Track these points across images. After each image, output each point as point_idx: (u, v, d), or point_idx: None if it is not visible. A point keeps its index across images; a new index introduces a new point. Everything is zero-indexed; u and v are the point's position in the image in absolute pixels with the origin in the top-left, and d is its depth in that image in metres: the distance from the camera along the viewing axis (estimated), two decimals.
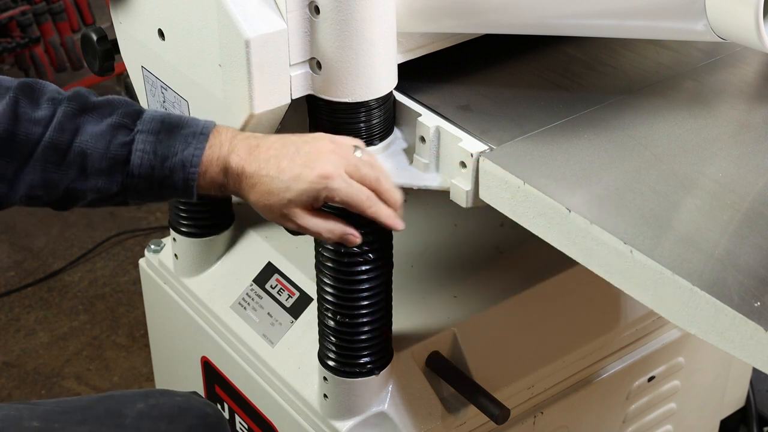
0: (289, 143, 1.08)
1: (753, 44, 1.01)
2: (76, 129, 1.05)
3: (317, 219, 1.09)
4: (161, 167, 1.06)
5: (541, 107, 1.20)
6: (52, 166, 1.05)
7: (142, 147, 1.06)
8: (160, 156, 1.06)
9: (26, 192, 1.06)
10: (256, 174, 1.07)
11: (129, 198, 1.09)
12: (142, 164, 1.06)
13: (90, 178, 1.06)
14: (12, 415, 1.23)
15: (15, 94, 1.05)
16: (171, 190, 1.07)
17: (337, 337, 1.31)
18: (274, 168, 1.06)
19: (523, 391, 1.49)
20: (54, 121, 1.05)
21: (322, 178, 1.06)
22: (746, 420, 1.97)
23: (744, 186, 1.06)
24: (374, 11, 1.09)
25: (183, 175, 1.06)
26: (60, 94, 1.08)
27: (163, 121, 1.07)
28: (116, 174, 1.06)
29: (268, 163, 1.07)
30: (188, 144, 1.06)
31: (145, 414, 1.26)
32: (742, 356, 0.91)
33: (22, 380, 2.30)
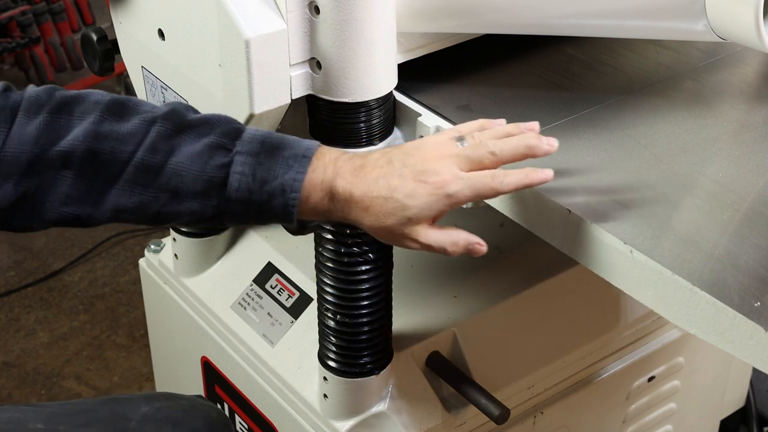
0: (393, 159, 1.01)
1: (753, 44, 1.01)
2: (170, 150, 0.99)
3: (439, 233, 1.02)
4: (260, 191, 0.99)
5: (541, 107, 1.20)
6: (141, 188, 0.99)
7: (241, 169, 0.99)
8: (260, 179, 0.99)
9: (112, 214, 1.01)
10: (367, 196, 1.00)
11: (225, 221, 1.03)
12: (239, 188, 0.99)
13: (184, 201, 1.00)
14: (17, 417, 1.23)
15: (102, 111, 1.00)
16: (269, 215, 1.01)
17: (337, 337, 1.31)
18: (384, 188, 0.99)
19: (523, 391, 1.49)
20: (146, 140, 0.99)
21: (438, 188, 0.99)
22: (746, 420, 1.97)
23: (744, 186, 1.06)
24: (374, 11, 1.09)
25: (283, 201, 0.99)
26: (154, 112, 1.01)
27: (263, 141, 1.00)
28: (212, 197, 1.00)
29: (377, 183, 1.00)
30: (290, 167, 0.99)
31: (150, 417, 1.26)
32: (742, 356, 0.91)
33: (22, 380, 2.30)
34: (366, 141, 1.17)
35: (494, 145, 1.01)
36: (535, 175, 1.01)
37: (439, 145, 1.02)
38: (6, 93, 1.01)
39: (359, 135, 1.17)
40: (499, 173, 1.00)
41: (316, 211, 1.02)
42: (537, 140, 1.01)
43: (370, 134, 1.17)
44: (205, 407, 1.33)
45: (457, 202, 1.01)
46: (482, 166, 1.01)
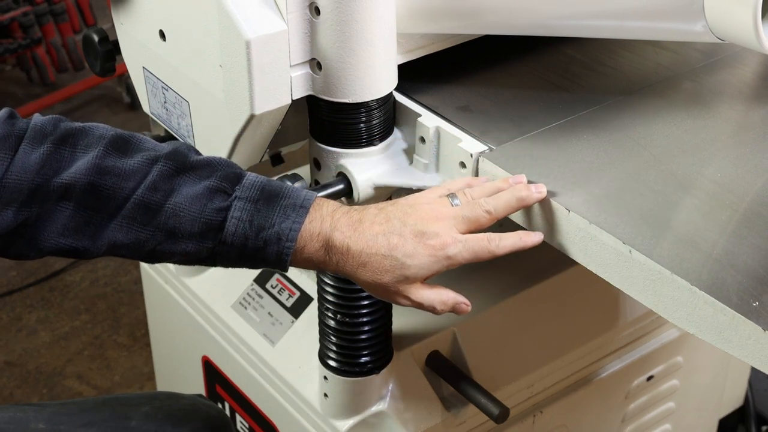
0: (392, 216, 1.03)
1: (751, 45, 1.01)
2: (171, 189, 1.00)
3: (431, 293, 1.05)
4: (256, 238, 1.00)
5: (541, 108, 1.20)
6: (138, 226, 1.00)
7: (239, 215, 1.00)
8: (257, 226, 1.00)
9: (108, 249, 1.01)
10: (365, 252, 1.01)
11: (218, 263, 1.04)
12: (236, 233, 1.00)
13: (180, 242, 1.01)
14: (18, 416, 1.23)
15: (106, 146, 1.00)
16: (262, 261, 1.02)
17: (337, 336, 1.32)
18: (384, 246, 1.01)
19: (522, 390, 1.49)
20: (148, 178, 1.00)
21: (438, 250, 1.02)
22: (745, 419, 1.97)
23: (742, 186, 1.07)
24: (374, 12, 1.09)
25: (277, 249, 1.00)
26: (157, 150, 1.02)
27: (263, 189, 1.01)
28: (208, 240, 1.01)
29: (377, 240, 1.01)
30: (287, 216, 1.00)
31: (151, 417, 1.27)
32: (741, 356, 0.91)
33: (23, 380, 2.30)
34: (366, 141, 1.18)
35: (488, 203, 1.05)
36: (528, 239, 1.05)
37: (433, 205, 1.04)
38: (11, 120, 1.01)
39: (359, 135, 1.17)
40: (495, 237, 1.03)
41: (311, 262, 1.03)
42: (527, 191, 1.05)
43: (370, 134, 1.18)
44: (205, 406, 1.33)
45: (454, 264, 1.03)
46: (479, 224, 1.04)
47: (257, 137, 1.17)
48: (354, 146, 1.18)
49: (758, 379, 1.97)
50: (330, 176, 1.20)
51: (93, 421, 1.25)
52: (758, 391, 1.97)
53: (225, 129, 1.16)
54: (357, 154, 1.18)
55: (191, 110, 1.23)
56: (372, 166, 1.18)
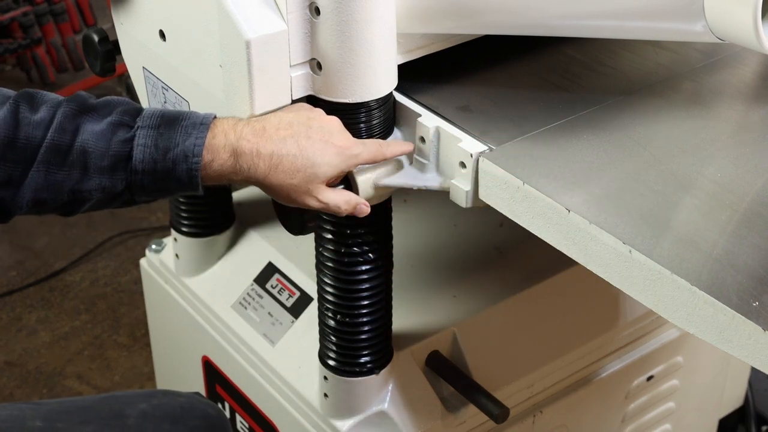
0: (295, 123, 1.09)
1: (751, 45, 1.01)
2: (76, 129, 1.05)
3: (335, 193, 1.12)
4: (163, 160, 1.05)
5: (541, 108, 1.20)
6: (55, 168, 1.05)
7: (144, 142, 1.05)
8: (162, 149, 1.05)
9: (32, 196, 1.06)
10: (276, 154, 1.07)
11: (135, 195, 1.08)
12: (144, 159, 1.05)
13: (93, 178, 1.06)
14: (15, 414, 1.23)
15: (15, 100, 1.05)
16: (175, 182, 1.07)
17: (337, 336, 1.32)
18: (294, 146, 1.08)
19: (522, 390, 1.49)
20: (54, 122, 1.05)
21: (344, 149, 1.10)
22: (745, 419, 1.97)
23: (742, 186, 1.07)
24: (374, 12, 1.09)
25: (186, 166, 1.05)
26: (59, 98, 1.08)
27: (162, 115, 1.07)
28: (119, 171, 1.06)
29: (285, 142, 1.08)
30: (189, 135, 1.06)
31: (148, 414, 1.27)
32: (741, 356, 0.91)
33: (23, 380, 2.30)
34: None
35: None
36: (407, 147, 1.18)
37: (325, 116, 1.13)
38: None
39: (359, 135, 1.17)
40: (385, 143, 1.16)
41: (221, 174, 1.07)
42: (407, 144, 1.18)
43: (370, 134, 1.18)
44: (202, 404, 1.33)
45: (358, 163, 1.13)
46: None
47: None
48: None
49: (758, 379, 1.97)
50: None
51: (90, 418, 1.25)
52: (758, 391, 1.97)
53: None
54: None
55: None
56: (372, 166, 1.18)
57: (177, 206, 1.58)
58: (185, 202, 1.56)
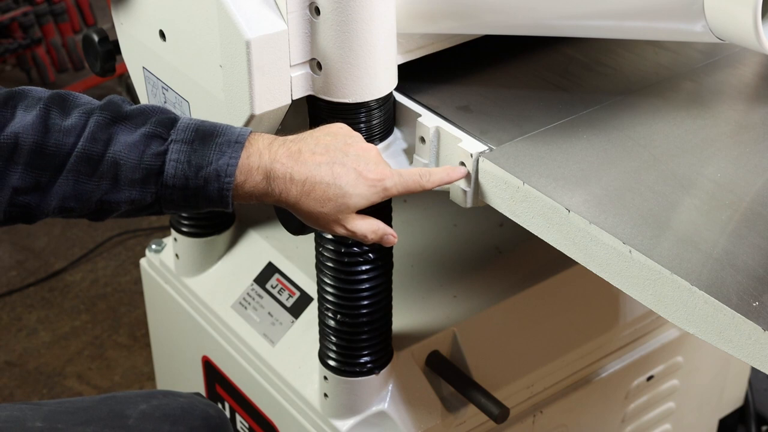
0: (332, 148, 1.07)
1: (751, 45, 1.01)
2: (108, 139, 1.03)
3: (363, 221, 1.09)
4: (195, 177, 1.03)
5: (541, 108, 1.20)
6: (84, 177, 1.03)
7: (176, 157, 1.03)
8: (195, 166, 1.03)
9: (59, 204, 1.04)
10: (309, 181, 1.05)
11: (164, 208, 1.06)
12: (176, 174, 1.03)
13: (123, 190, 1.03)
14: (16, 415, 1.23)
15: (46, 104, 1.03)
16: (205, 200, 1.05)
17: (337, 336, 1.32)
18: (328, 174, 1.05)
19: (522, 390, 1.49)
20: (86, 131, 1.03)
21: (378, 181, 1.07)
22: (745, 419, 1.97)
23: (742, 186, 1.07)
24: (374, 12, 1.09)
25: (218, 185, 1.03)
26: (92, 104, 1.05)
27: (197, 129, 1.04)
28: (150, 184, 1.03)
29: (320, 169, 1.05)
30: (223, 153, 1.03)
31: (148, 415, 1.27)
32: (741, 356, 0.91)
33: (23, 380, 2.30)
34: (366, 141, 1.18)
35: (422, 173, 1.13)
36: (455, 173, 1.12)
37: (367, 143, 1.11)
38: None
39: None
40: (426, 172, 1.11)
41: (253, 195, 1.06)
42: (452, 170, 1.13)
43: (370, 135, 1.18)
44: (202, 404, 1.33)
45: (389, 195, 1.09)
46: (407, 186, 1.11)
47: None
48: None
49: (758, 379, 1.97)
50: None
51: (90, 419, 1.25)
52: (758, 391, 1.97)
53: None
54: None
55: (191, 110, 1.23)
56: None
57: None
58: None
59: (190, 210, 1.07)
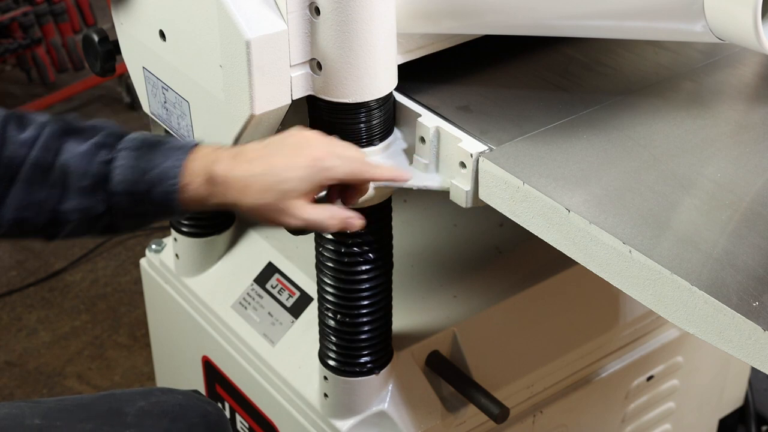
0: (270, 143, 1.08)
1: (751, 45, 1.01)
2: (59, 148, 1.05)
3: (317, 208, 1.07)
4: (141, 181, 1.04)
5: (541, 108, 1.20)
6: (37, 186, 1.05)
7: (123, 163, 1.05)
8: (140, 170, 1.05)
9: (14, 214, 1.05)
10: (245, 176, 1.05)
11: (116, 219, 1.07)
12: (123, 180, 1.05)
13: (73, 198, 1.05)
14: (14, 413, 1.23)
15: (3, 120, 1.05)
16: (153, 205, 1.06)
17: (337, 336, 1.32)
18: (261, 166, 1.05)
19: (522, 390, 1.49)
20: (39, 140, 1.05)
21: (315, 161, 1.05)
22: (745, 419, 1.97)
23: (742, 186, 1.07)
24: (374, 12, 1.09)
25: (163, 188, 1.04)
26: (47, 118, 1.08)
27: (145, 139, 1.07)
28: (99, 192, 1.05)
29: (254, 163, 1.06)
30: (168, 157, 1.05)
31: (147, 412, 1.27)
32: (741, 356, 0.91)
33: (23, 379, 2.30)
34: (366, 141, 1.18)
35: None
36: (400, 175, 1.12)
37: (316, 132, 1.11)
38: None
39: (359, 135, 1.17)
40: (372, 164, 1.09)
41: (197, 199, 1.06)
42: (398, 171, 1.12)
43: (370, 135, 1.18)
44: (201, 402, 1.33)
45: (328, 178, 1.06)
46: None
47: (257, 137, 1.17)
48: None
49: (758, 379, 1.97)
50: None
51: (89, 416, 1.25)
52: (758, 391, 1.97)
53: (225, 129, 1.16)
54: None
55: (191, 110, 1.23)
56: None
57: None
58: None
59: (142, 218, 1.08)
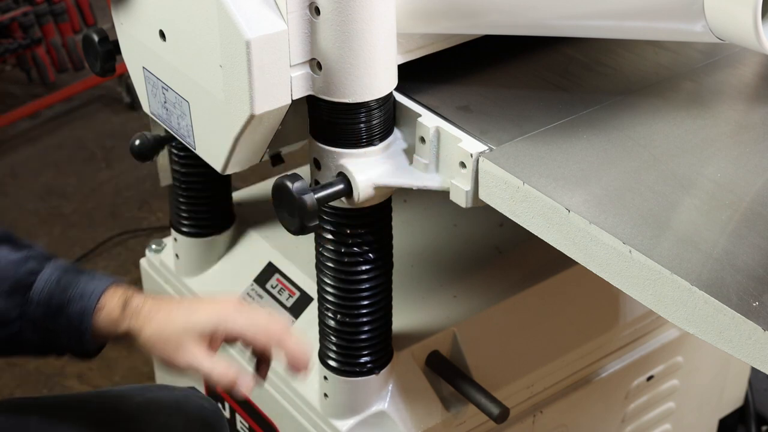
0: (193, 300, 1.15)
1: (751, 45, 1.01)
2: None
3: (211, 358, 1.10)
4: (61, 295, 1.08)
5: (541, 108, 1.20)
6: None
7: (48, 276, 1.09)
8: (63, 285, 1.08)
9: None
10: (158, 306, 1.10)
11: (24, 328, 1.08)
12: (43, 290, 1.08)
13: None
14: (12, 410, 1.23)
15: None
16: (65, 321, 1.08)
17: (337, 336, 1.32)
18: (178, 304, 1.12)
19: (522, 390, 1.49)
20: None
21: (221, 309, 1.11)
22: (745, 419, 1.97)
23: (742, 186, 1.07)
24: (374, 12, 1.09)
25: (80, 305, 1.08)
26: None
27: (72, 264, 1.12)
28: (17, 296, 1.08)
29: (172, 301, 1.13)
30: (92, 278, 1.10)
31: (144, 407, 1.27)
32: (741, 356, 0.91)
33: (24, 379, 2.30)
34: (366, 141, 1.18)
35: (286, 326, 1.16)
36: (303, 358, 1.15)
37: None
38: None
39: (359, 135, 1.17)
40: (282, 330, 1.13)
41: (108, 321, 1.09)
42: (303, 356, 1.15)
43: (370, 135, 1.18)
44: (198, 398, 1.33)
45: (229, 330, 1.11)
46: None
47: (257, 137, 1.17)
48: (354, 146, 1.18)
49: (758, 379, 1.97)
50: (330, 176, 1.20)
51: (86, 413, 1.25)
52: (758, 391, 1.97)
53: (225, 129, 1.16)
54: (357, 154, 1.18)
55: (191, 110, 1.23)
56: (372, 166, 1.18)
57: (177, 206, 1.58)
58: (185, 202, 1.56)
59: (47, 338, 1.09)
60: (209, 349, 1.10)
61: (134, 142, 1.44)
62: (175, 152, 1.51)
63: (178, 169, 1.52)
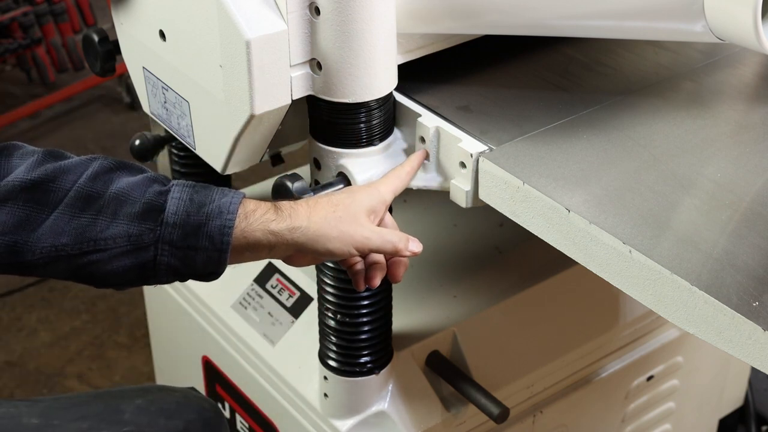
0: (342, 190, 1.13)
1: (751, 45, 1.01)
2: (110, 179, 1.03)
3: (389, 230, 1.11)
4: (197, 213, 1.02)
5: (541, 108, 1.20)
6: (79, 212, 1.01)
7: (179, 195, 1.03)
8: (197, 203, 1.03)
9: (51, 241, 1.01)
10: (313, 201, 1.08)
11: (159, 256, 1.03)
12: (177, 211, 1.02)
13: (120, 224, 1.02)
14: (11, 412, 1.23)
15: (42, 154, 1.04)
16: (206, 239, 1.02)
17: (337, 336, 1.32)
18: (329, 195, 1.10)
19: (522, 390, 1.49)
20: (89, 170, 1.03)
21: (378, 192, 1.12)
22: (745, 419, 1.97)
23: (742, 186, 1.07)
24: (374, 12, 1.09)
25: (219, 222, 1.02)
26: (94, 154, 1.07)
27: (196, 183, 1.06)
28: (149, 220, 1.02)
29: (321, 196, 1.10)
30: (225, 195, 1.04)
31: (144, 409, 1.27)
32: (741, 356, 0.91)
33: (24, 379, 2.31)
34: (366, 141, 1.18)
35: None
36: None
37: None
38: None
39: (359, 135, 1.17)
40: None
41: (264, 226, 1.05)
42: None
43: (370, 135, 1.18)
44: (197, 399, 1.33)
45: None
46: None
47: (257, 137, 1.17)
48: (354, 146, 1.18)
49: (758, 379, 1.97)
50: (330, 176, 1.20)
51: (86, 414, 1.25)
52: (758, 391, 1.97)
53: (225, 129, 1.16)
54: (357, 154, 1.18)
55: (191, 110, 1.23)
56: (372, 166, 1.18)
57: None
58: None
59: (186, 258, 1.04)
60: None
61: (134, 142, 1.44)
62: (175, 152, 1.51)
63: (178, 169, 1.52)
